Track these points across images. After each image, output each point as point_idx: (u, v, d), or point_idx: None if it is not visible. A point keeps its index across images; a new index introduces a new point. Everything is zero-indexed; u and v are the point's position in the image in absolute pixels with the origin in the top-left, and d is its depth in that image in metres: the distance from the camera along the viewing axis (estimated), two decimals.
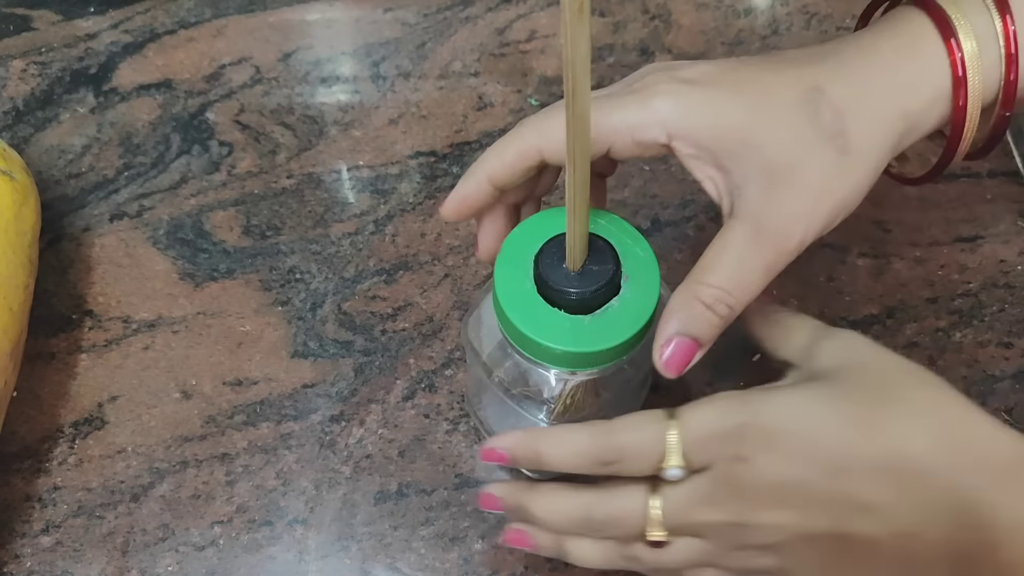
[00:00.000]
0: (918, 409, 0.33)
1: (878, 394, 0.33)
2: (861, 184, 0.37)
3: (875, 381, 0.34)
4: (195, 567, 0.46)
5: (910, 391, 0.33)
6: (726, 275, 0.35)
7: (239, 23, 0.65)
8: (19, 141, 0.59)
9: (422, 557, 0.46)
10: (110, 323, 0.53)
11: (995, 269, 0.54)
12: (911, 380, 0.34)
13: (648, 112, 0.36)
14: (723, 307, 0.35)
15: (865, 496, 0.32)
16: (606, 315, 0.37)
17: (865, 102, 0.36)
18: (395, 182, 0.58)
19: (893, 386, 0.34)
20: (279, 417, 0.50)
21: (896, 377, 0.34)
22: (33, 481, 0.48)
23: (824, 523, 0.32)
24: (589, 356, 0.37)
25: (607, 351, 0.37)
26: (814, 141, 0.35)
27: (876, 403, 0.33)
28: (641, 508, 0.35)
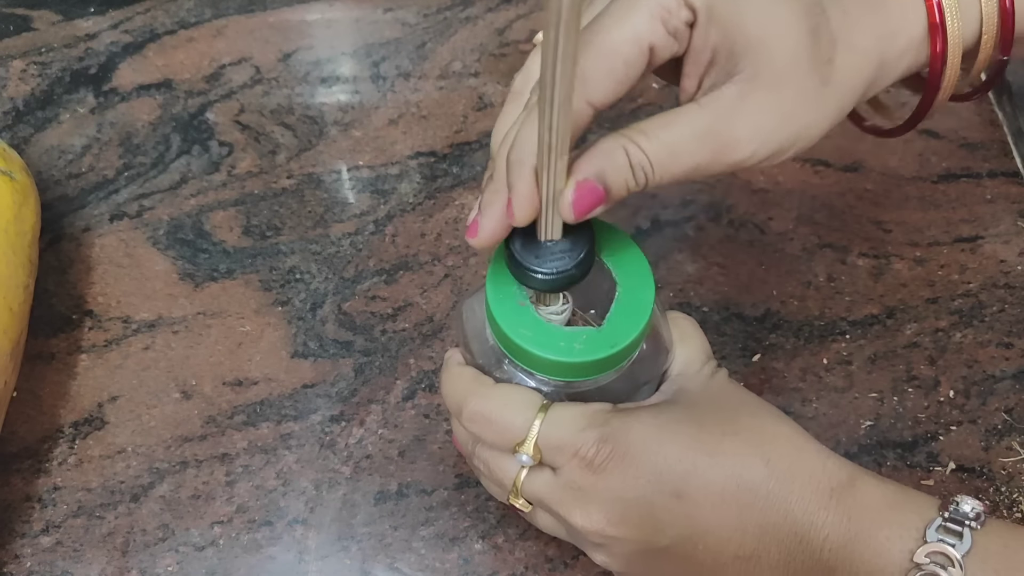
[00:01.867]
0: (757, 439, 0.35)
1: (721, 424, 0.35)
2: (827, 119, 0.35)
3: (721, 412, 0.36)
4: (195, 567, 0.45)
5: (749, 423, 0.36)
6: (661, 151, 0.33)
7: (239, 23, 0.65)
8: (19, 141, 0.59)
9: (422, 557, 0.46)
10: (110, 323, 0.53)
11: (995, 269, 0.54)
12: (751, 413, 0.36)
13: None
14: (641, 175, 0.33)
15: (706, 520, 0.34)
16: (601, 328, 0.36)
17: (854, 37, 0.35)
18: (395, 182, 0.58)
19: (735, 419, 0.36)
20: (279, 417, 0.50)
21: (740, 409, 0.36)
22: (33, 481, 0.48)
23: (666, 542, 0.35)
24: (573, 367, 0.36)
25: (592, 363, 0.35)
26: (807, 63, 0.34)
27: (718, 431, 0.35)
28: (511, 474, 0.37)
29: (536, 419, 0.35)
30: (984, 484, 0.47)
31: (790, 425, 0.36)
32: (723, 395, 0.37)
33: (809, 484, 0.34)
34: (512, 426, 0.35)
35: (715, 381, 0.38)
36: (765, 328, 0.52)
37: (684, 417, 0.36)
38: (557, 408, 0.36)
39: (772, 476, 0.34)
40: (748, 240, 0.55)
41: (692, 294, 0.53)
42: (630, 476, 0.34)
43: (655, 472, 0.34)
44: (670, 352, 0.39)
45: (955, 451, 0.48)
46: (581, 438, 0.35)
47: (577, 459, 0.35)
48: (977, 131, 0.59)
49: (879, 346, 0.51)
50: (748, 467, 0.34)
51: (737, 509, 0.34)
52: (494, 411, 0.36)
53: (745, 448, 0.35)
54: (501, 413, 0.36)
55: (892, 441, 0.48)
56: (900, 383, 0.50)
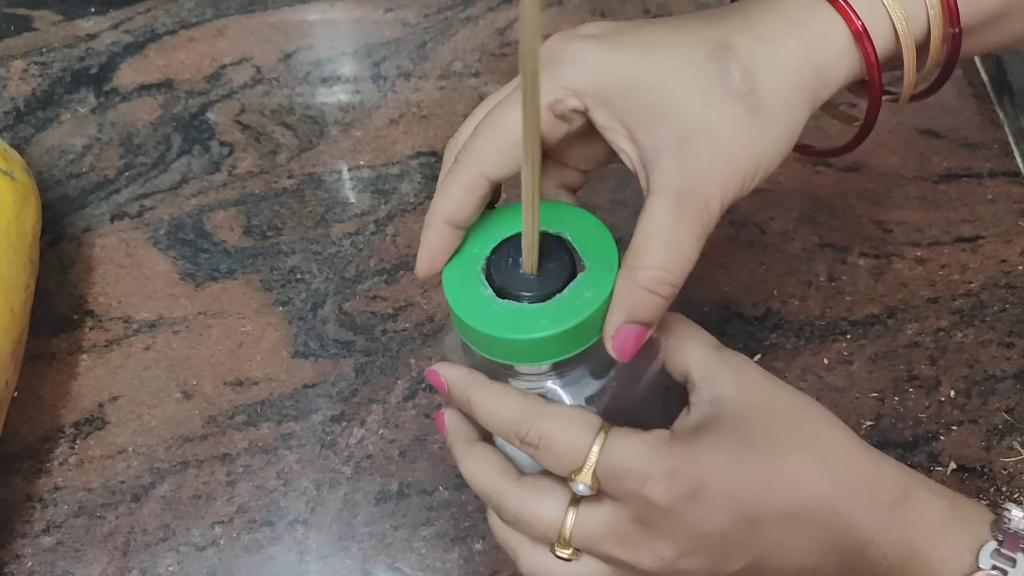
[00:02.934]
0: (820, 455, 0.35)
1: (781, 441, 0.35)
2: (778, 143, 0.35)
3: (776, 426, 0.36)
4: (196, 567, 0.46)
5: (807, 434, 0.36)
6: (660, 255, 0.33)
7: (240, 23, 0.65)
8: (20, 141, 0.59)
9: (423, 557, 0.46)
10: (111, 323, 0.53)
11: (996, 269, 0.54)
12: (806, 421, 0.36)
13: (557, 79, 0.34)
14: (666, 287, 0.34)
15: (774, 541, 0.34)
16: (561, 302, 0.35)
17: (774, 58, 0.34)
18: (396, 182, 0.58)
19: (792, 432, 0.36)
20: (280, 417, 0.50)
21: (793, 418, 0.36)
22: (34, 481, 0.48)
23: (737, 566, 0.35)
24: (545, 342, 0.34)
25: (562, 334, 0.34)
26: (725, 102, 0.34)
27: (780, 450, 0.35)
28: (557, 518, 0.35)
29: (596, 441, 0.33)
30: (985, 484, 0.47)
31: (841, 429, 0.36)
32: (767, 399, 0.36)
33: (870, 499, 0.35)
34: (570, 448, 0.33)
35: (748, 379, 0.37)
36: (765, 328, 0.52)
37: (743, 440, 0.35)
38: (617, 433, 0.34)
39: (836, 492, 0.34)
40: (749, 240, 0.55)
41: (692, 294, 0.53)
42: (704, 509, 0.33)
43: (729, 503, 0.34)
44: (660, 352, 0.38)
45: (956, 451, 0.48)
46: (649, 470, 0.33)
47: (645, 493, 0.33)
48: (978, 131, 0.59)
49: (880, 346, 0.51)
50: (816, 485, 0.34)
51: (805, 527, 0.34)
52: (550, 432, 0.34)
53: (812, 467, 0.35)
54: (558, 433, 0.34)
55: (893, 441, 0.48)
56: (901, 383, 0.50)
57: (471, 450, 0.37)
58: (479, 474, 0.37)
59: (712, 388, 0.36)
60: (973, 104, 0.61)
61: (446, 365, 0.37)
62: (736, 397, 0.36)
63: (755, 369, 0.37)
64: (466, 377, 0.37)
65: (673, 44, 0.35)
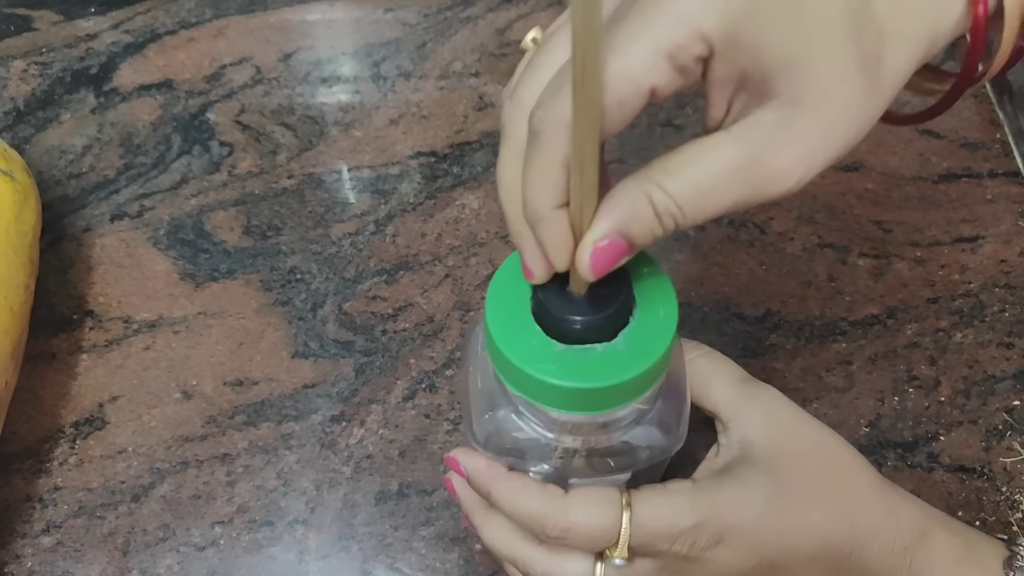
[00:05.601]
0: (842, 502, 0.36)
1: (805, 489, 0.36)
2: (872, 120, 0.31)
3: (802, 472, 0.36)
4: (196, 567, 0.46)
5: (831, 480, 0.37)
6: (690, 191, 0.29)
7: (240, 23, 0.65)
8: (20, 141, 0.59)
9: (423, 557, 0.46)
10: (111, 323, 0.53)
11: (996, 269, 0.54)
12: (830, 465, 0.37)
13: (680, 16, 0.27)
14: (670, 221, 0.29)
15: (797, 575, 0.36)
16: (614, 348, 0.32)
17: (903, 23, 0.30)
18: (396, 182, 0.58)
19: (817, 477, 0.36)
20: (280, 417, 0.50)
21: (818, 463, 0.37)
22: (34, 481, 0.48)
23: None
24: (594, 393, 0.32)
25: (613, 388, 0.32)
26: (851, 70, 0.29)
27: (804, 499, 0.36)
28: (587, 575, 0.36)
29: (623, 517, 0.34)
30: (984, 484, 0.47)
31: (864, 470, 0.37)
32: (795, 442, 0.37)
33: (886, 544, 0.36)
34: (601, 531, 0.34)
35: (776, 420, 0.37)
36: (765, 328, 0.52)
37: (770, 488, 0.35)
38: (640, 499, 0.34)
39: (855, 539, 0.36)
40: (748, 240, 0.55)
41: (692, 294, 0.53)
42: (728, 554, 0.35)
43: (751, 549, 0.35)
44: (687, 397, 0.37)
45: (955, 451, 0.48)
46: (676, 528, 0.34)
47: (675, 550, 0.34)
48: (978, 131, 0.59)
49: (879, 346, 0.51)
50: (836, 533, 0.36)
51: (823, 567, 0.36)
52: (578, 521, 0.34)
53: (833, 516, 0.36)
54: (586, 520, 0.34)
55: (892, 441, 0.48)
56: (900, 383, 0.50)
57: (490, 519, 0.38)
58: (502, 542, 0.37)
59: (741, 429, 0.37)
60: (973, 104, 0.61)
61: (467, 453, 0.37)
62: (764, 442, 0.36)
63: (783, 406, 0.38)
64: (486, 470, 0.36)
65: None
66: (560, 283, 0.32)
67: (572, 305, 0.32)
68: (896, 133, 0.59)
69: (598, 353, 0.32)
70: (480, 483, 0.36)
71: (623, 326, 0.32)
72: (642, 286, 0.33)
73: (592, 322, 0.32)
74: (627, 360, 0.32)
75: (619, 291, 0.32)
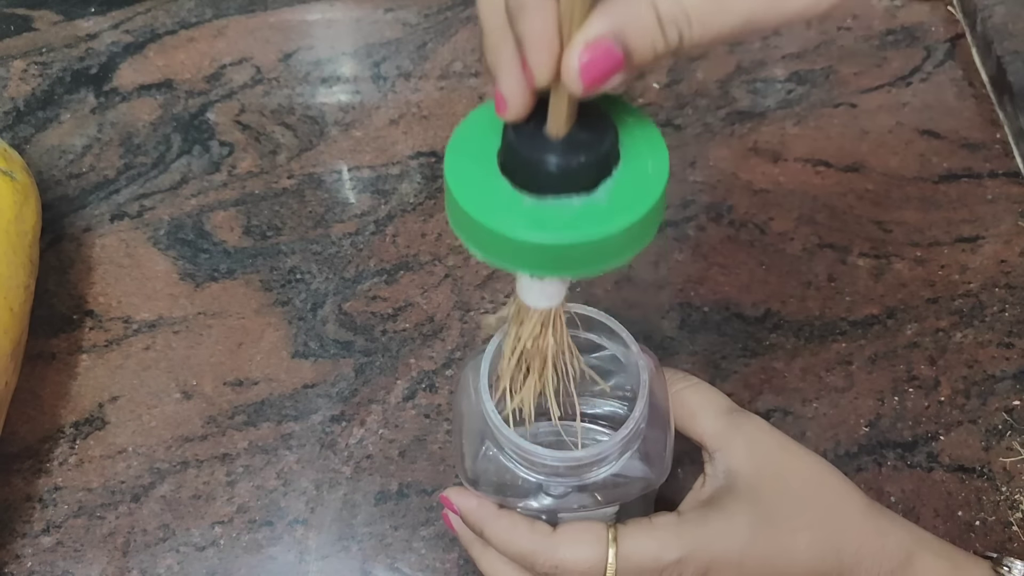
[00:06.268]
0: (828, 531, 0.36)
1: (791, 517, 0.36)
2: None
3: (787, 501, 0.37)
4: (196, 567, 0.46)
5: (817, 508, 0.37)
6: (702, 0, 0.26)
7: (240, 23, 0.65)
8: (20, 141, 0.60)
9: (422, 557, 0.46)
10: (111, 323, 0.53)
11: (996, 269, 0.54)
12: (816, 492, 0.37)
13: None
14: (674, 33, 0.26)
15: None
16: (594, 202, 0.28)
17: None
18: (396, 182, 0.58)
19: (803, 505, 0.37)
20: (280, 417, 0.50)
21: (804, 491, 0.37)
22: (34, 481, 0.48)
23: None
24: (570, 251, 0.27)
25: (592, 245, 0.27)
26: None
27: (789, 528, 0.36)
28: None
29: (609, 553, 0.35)
30: (984, 484, 0.47)
31: (851, 496, 0.37)
32: (780, 470, 0.37)
33: (872, 568, 0.36)
34: (588, 567, 0.35)
35: (761, 451, 0.38)
36: (765, 328, 0.52)
37: (755, 518, 0.36)
38: (626, 535, 0.35)
39: (842, 564, 0.36)
40: (749, 240, 0.55)
41: (692, 294, 0.53)
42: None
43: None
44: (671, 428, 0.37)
45: (955, 451, 0.48)
46: (661, 562, 0.35)
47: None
48: (978, 131, 0.59)
49: (879, 346, 0.51)
50: (822, 560, 0.36)
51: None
52: (566, 558, 0.35)
53: (818, 544, 0.36)
54: (573, 557, 0.35)
55: (892, 441, 0.48)
56: (900, 383, 0.50)
57: (486, 552, 0.39)
58: (499, 573, 0.38)
59: (726, 459, 0.37)
60: (973, 104, 0.61)
61: (459, 492, 0.38)
62: (749, 472, 0.37)
63: (769, 436, 0.38)
64: (477, 510, 0.37)
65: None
66: (535, 125, 0.28)
67: (547, 148, 0.28)
68: (896, 133, 0.59)
69: (575, 207, 0.28)
70: (472, 522, 0.38)
71: (605, 176, 0.28)
72: (628, 137, 0.29)
73: (569, 166, 0.27)
74: (609, 214, 0.27)
75: (602, 136, 0.28)
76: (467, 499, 0.38)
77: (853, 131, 0.60)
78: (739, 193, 0.57)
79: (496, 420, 0.35)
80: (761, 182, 0.58)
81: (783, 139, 0.59)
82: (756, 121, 0.60)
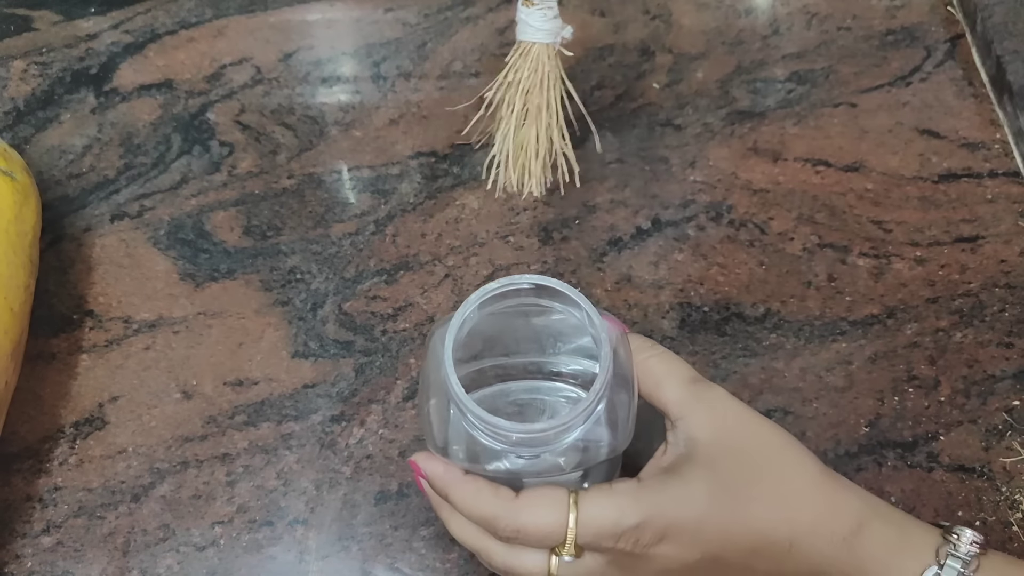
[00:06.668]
0: (782, 499, 0.38)
1: (747, 484, 0.38)
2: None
3: (745, 468, 0.38)
4: (196, 567, 0.46)
5: (773, 475, 0.38)
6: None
7: (240, 23, 0.65)
8: (20, 141, 0.60)
9: (422, 557, 0.46)
10: (111, 323, 0.53)
11: (996, 269, 0.54)
12: (773, 460, 0.39)
13: None
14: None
15: (741, 567, 0.38)
16: None
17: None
18: (396, 182, 0.58)
19: (759, 473, 0.38)
20: (280, 417, 0.50)
21: (761, 458, 0.38)
22: (34, 481, 0.48)
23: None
24: None
25: None
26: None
27: (746, 495, 0.37)
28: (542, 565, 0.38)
29: (570, 517, 0.36)
30: (984, 484, 0.47)
31: (807, 464, 0.39)
32: (739, 438, 0.39)
33: (825, 534, 0.37)
34: (548, 531, 0.36)
35: (721, 418, 0.39)
36: (765, 328, 0.52)
37: (712, 485, 0.37)
38: (586, 500, 0.36)
39: (794, 532, 0.37)
40: (748, 240, 0.55)
41: (692, 294, 0.53)
42: (672, 550, 0.37)
43: (694, 544, 0.37)
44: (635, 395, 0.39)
45: (955, 451, 0.48)
46: (620, 527, 0.36)
47: (619, 546, 0.36)
48: (978, 131, 0.59)
49: (879, 346, 0.51)
50: (775, 528, 0.37)
51: (763, 561, 0.38)
52: (527, 522, 0.36)
53: (773, 511, 0.37)
54: (535, 521, 0.36)
55: (892, 441, 0.48)
56: (900, 383, 0.50)
57: (454, 515, 0.40)
58: (467, 536, 0.40)
59: (687, 428, 0.38)
60: (973, 104, 0.61)
61: (426, 458, 0.39)
62: (709, 439, 0.38)
63: (730, 406, 0.39)
64: (443, 475, 0.39)
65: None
66: None
67: None
68: (896, 133, 0.59)
69: None
70: (439, 487, 0.39)
71: None
72: None
73: None
74: None
75: None
76: (434, 464, 0.39)
77: (853, 131, 0.59)
78: (739, 193, 0.57)
79: (459, 393, 0.36)
80: (761, 182, 0.58)
81: (783, 139, 0.59)
82: (756, 121, 0.60)
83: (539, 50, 0.45)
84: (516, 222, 0.56)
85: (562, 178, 0.55)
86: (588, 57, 0.62)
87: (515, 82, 0.46)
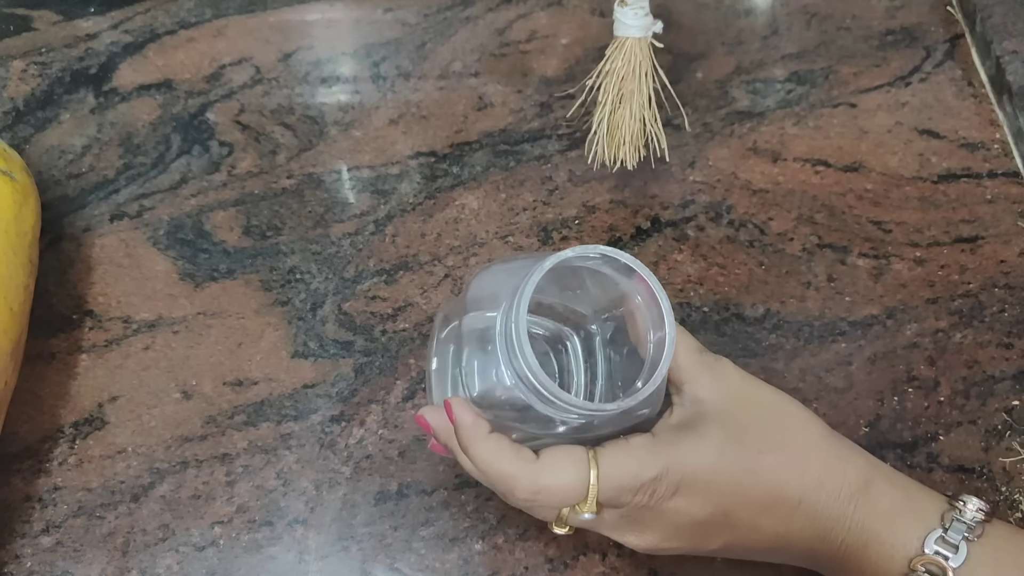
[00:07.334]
0: (792, 454, 0.39)
1: (756, 441, 0.39)
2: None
3: (753, 426, 0.39)
4: (195, 567, 0.46)
5: (780, 433, 0.39)
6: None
7: (239, 23, 0.65)
8: (19, 141, 0.59)
9: (422, 557, 0.46)
10: (110, 323, 0.53)
11: (995, 270, 0.54)
12: (780, 420, 0.40)
13: None
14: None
15: (746, 526, 0.39)
16: None
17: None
18: (395, 182, 0.58)
19: (767, 431, 0.39)
20: (279, 417, 0.50)
21: (768, 418, 0.40)
22: (33, 481, 0.48)
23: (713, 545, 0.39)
24: None
25: None
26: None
27: (755, 450, 0.38)
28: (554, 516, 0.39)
29: (591, 475, 0.37)
30: (984, 484, 0.47)
31: (813, 425, 0.40)
32: (745, 400, 0.40)
33: (832, 493, 0.38)
34: (570, 491, 0.37)
35: (726, 382, 0.40)
36: (765, 328, 0.52)
37: (723, 438, 0.38)
38: (605, 455, 0.37)
39: (803, 488, 0.38)
40: (748, 240, 0.55)
41: (692, 294, 0.53)
42: (684, 503, 0.38)
43: (706, 498, 0.38)
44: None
45: (955, 451, 0.48)
46: (639, 480, 0.37)
47: (636, 500, 0.37)
48: (977, 131, 0.59)
49: (879, 346, 0.51)
50: (785, 483, 0.38)
51: (773, 516, 0.38)
52: (549, 483, 0.37)
53: (783, 466, 0.38)
54: (557, 482, 0.37)
55: (892, 441, 0.48)
56: (900, 383, 0.50)
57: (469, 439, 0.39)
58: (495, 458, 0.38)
59: (693, 390, 0.39)
60: (973, 104, 0.61)
61: (459, 403, 0.38)
62: (716, 399, 0.39)
63: (733, 371, 0.40)
64: (471, 426, 0.38)
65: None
66: None
67: None
68: (896, 133, 0.59)
69: None
70: (463, 436, 0.38)
71: None
72: None
73: None
74: None
75: None
76: (466, 413, 0.38)
77: (852, 131, 0.59)
78: (738, 193, 0.57)
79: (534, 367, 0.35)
80: (760, 182, 0.58)
81: (782, 139, 0.59)
82: (756, 121, 0.60)
83: (632, 43, 0.52)
84: (516, 222, 0.56)
85: (653, 153, 0.55)
86: (588, 57, 0.62)
87: (612, 71, 0.52)
